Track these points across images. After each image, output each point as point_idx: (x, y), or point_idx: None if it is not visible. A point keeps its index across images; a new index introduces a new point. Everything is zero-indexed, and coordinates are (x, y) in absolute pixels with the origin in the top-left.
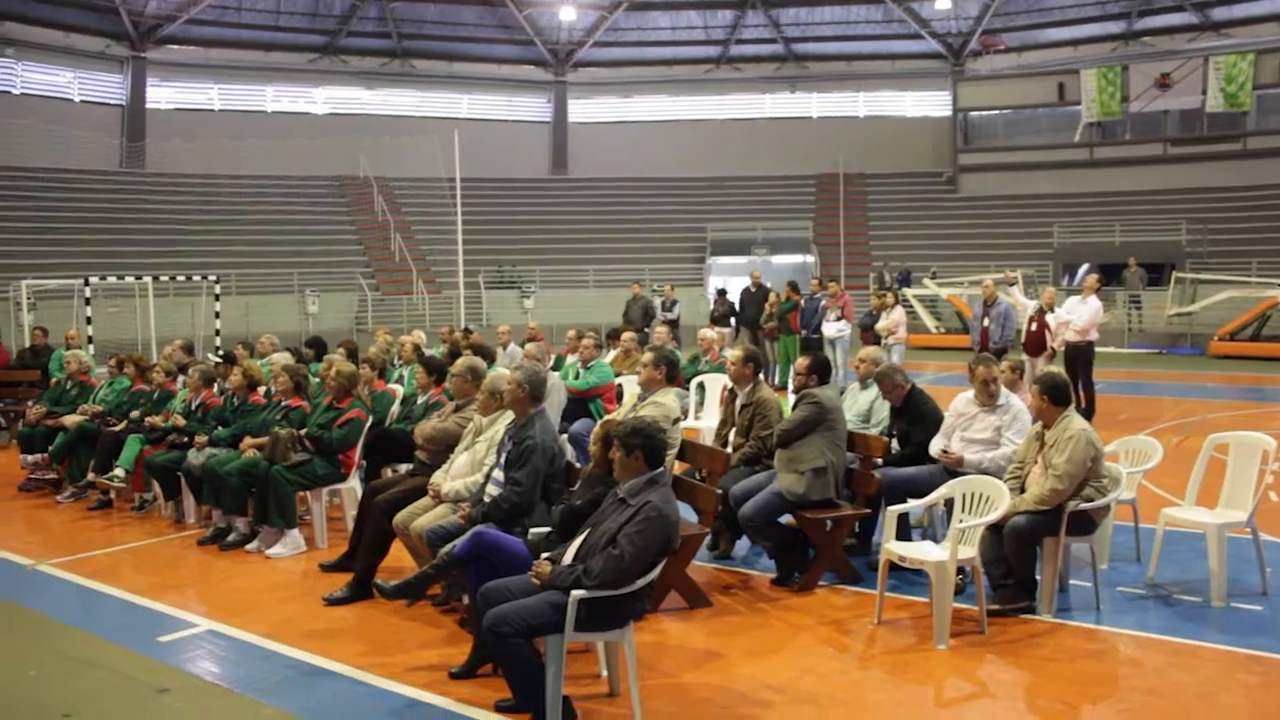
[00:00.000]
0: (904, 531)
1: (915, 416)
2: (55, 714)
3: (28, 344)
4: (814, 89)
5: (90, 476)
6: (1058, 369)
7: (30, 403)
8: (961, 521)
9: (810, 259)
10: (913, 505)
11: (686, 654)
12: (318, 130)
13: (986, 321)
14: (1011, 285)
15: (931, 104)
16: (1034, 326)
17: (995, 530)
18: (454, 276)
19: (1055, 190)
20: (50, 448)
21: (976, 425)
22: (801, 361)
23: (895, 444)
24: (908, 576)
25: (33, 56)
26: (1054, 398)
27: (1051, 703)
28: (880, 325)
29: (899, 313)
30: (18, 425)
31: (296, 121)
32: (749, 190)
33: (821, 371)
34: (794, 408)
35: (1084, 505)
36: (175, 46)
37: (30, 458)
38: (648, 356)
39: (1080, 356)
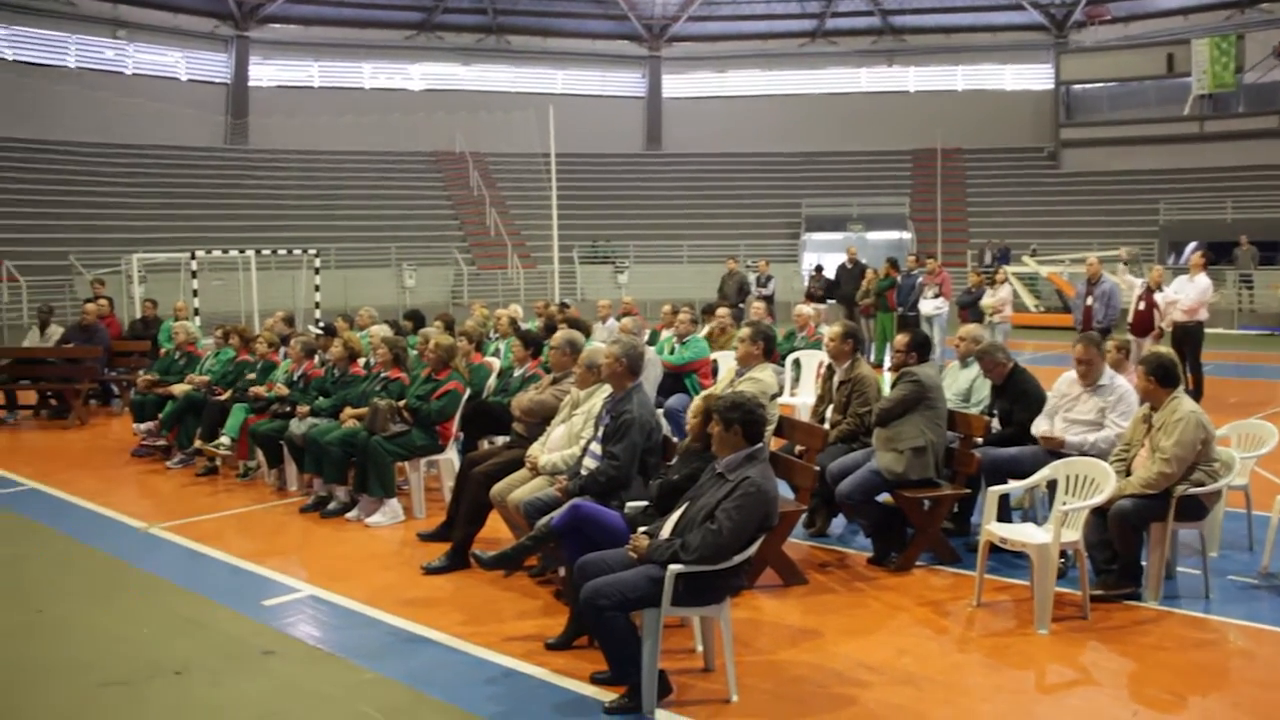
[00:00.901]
0: (1004, 513)
1: (1017, 395)
2: (168, 670)
3: (139, 315)
4: (911, 62)
5: (197, 444)
6: (1166, 349)
7: (141, 372)
8: (1065, 504)
9: (906, 235)
10: (1014, 486)
11: (782, 631)
12: (414, 106)
13: (1090, 300)
14: (1127, 264)
15: (1033, 77)
16: (1142, 306)
17: (1100, 514)
18: (548, 251)
19: (1162, 166)
20: (160, 415)
21: (1080, 406)
22: (901, 338)
23: (996, 423)
24: (1007, 559)
25: (143, 38)
26: (1161, 378)
27: (1159, 692)
28: (986, 302)
29: (1006, 291)
30: (130, 393)
31: (393, 98)
32: (844, 166)
33: (921, 349)
34: (893, 386)
35: (1194, 490)
36: (277, 25)
37: (141, 425)
38: (745, 331)
39: (1188, 337)
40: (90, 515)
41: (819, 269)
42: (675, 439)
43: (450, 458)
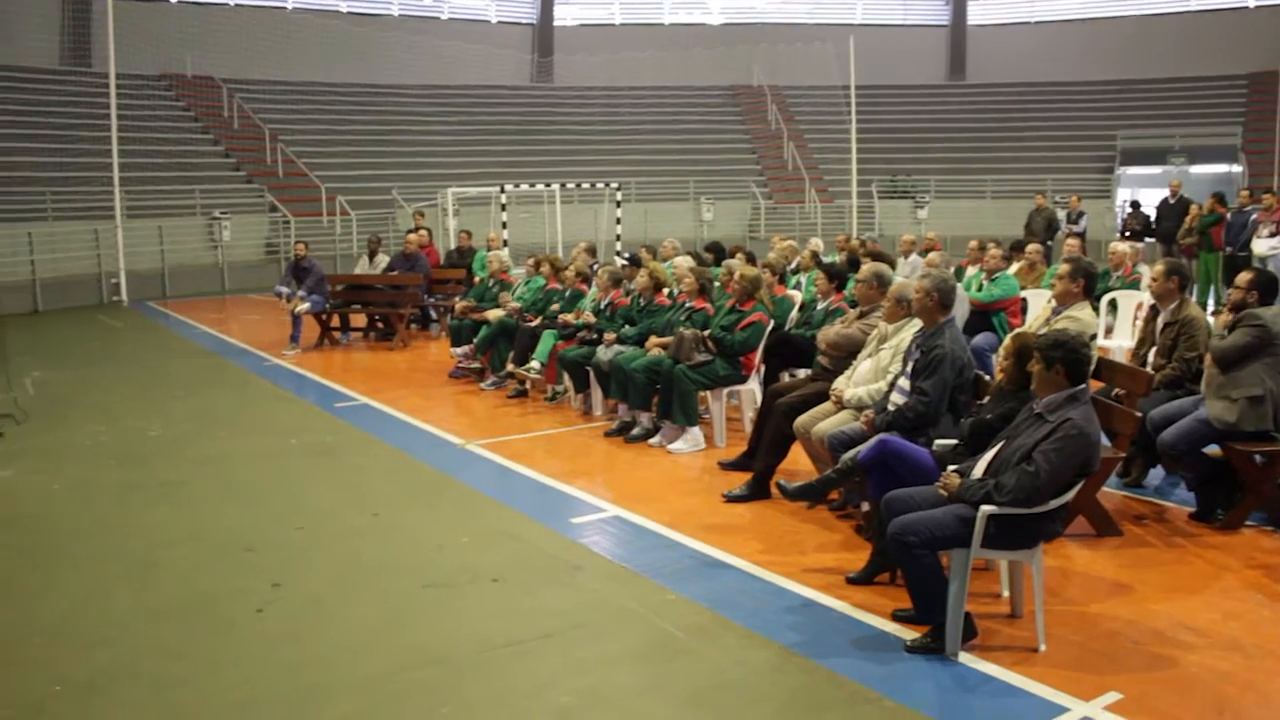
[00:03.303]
0: None
1: None
2: (486, 578)
3: (454, 245)
4: None
5: (509, 367)
6: None
7: (457, 298)
8: None
9: (1237, 169)
10: None
11: (1093, 583)
12: (713, 40)
13: None
14: None
15: None
16: None
17: None
18: (847, 186)
19: None
20: (475, 340)
21: None
22: (1244, 276)
23: None
24: None
25: None
26: None
27: None
28: None
29: None
30: (447, 319)
31: (692, 32)
32: (1165, 93)
33: (1267, 289)
34: (1231, 328)
35: None
36: None
37: (458, 349)
38: (1065, 268)
39: None
40: (414, 430)
41: (1135, 204)
42: (986, 378)
43: (752, 388)
